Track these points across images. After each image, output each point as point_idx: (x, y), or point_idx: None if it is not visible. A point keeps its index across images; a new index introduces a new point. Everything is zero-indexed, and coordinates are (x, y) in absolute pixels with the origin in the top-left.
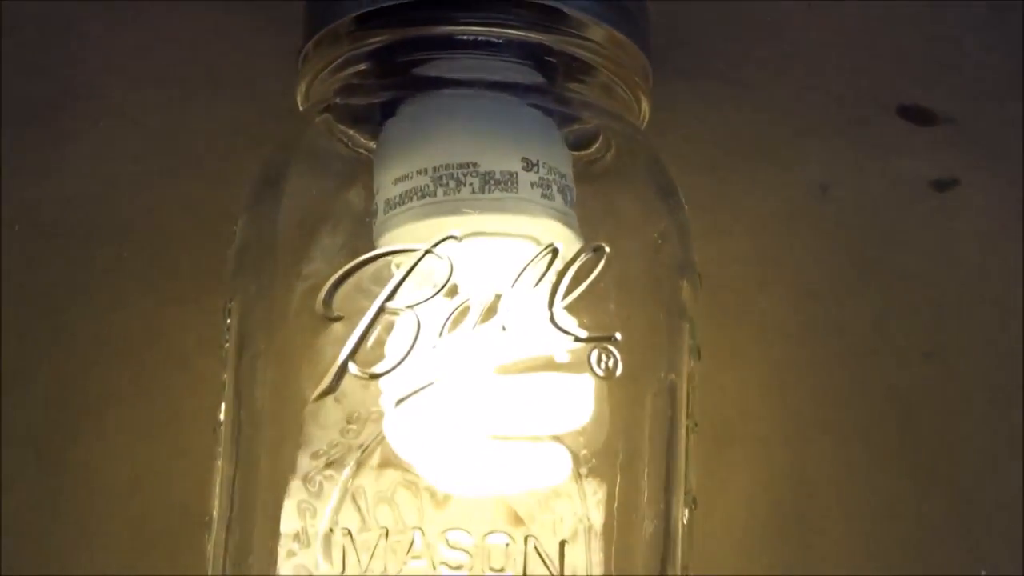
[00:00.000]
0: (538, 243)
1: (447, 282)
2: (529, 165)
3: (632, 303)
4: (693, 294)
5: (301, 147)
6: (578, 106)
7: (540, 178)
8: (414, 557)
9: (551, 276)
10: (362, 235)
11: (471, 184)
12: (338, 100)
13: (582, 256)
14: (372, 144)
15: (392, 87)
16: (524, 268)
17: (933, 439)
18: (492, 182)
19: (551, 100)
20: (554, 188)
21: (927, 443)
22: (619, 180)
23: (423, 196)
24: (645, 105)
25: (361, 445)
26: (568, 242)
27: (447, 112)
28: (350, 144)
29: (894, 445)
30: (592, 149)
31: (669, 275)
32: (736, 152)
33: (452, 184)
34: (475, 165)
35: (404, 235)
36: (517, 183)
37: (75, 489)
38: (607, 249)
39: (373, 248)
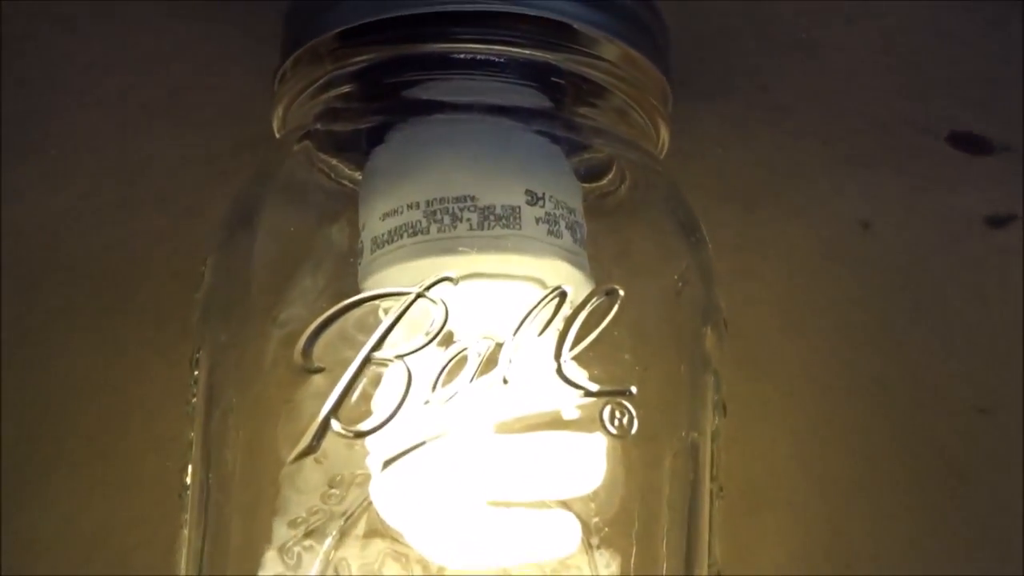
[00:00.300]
0: (544, 286)
1: (441, 329)
2: (534, 199)
3: (649, 353)
4: (718, 343)
5: (278, 178)
6: (589, 133)
7: (546, 213)
8: None
9: (558, 323)
10: (346, 277)
11: (468, 220)
12: (319, 126)
13: (593, 300)
14: (357, 175)
15: (380, 111)
16: (528, 314)
17: (988, 504)
18: (492, 217)
19: (558, 126)
20: (562, 224)
21: (981, 509)
22: (635, 215)
23: (415, 233)
24: (664, 131)
25: (345, 512)
26: (578, 285)
27: (441, 139)
28: (333, 175)
29: (943, 512)
30: (604, 181)
31: (691, 322)
32: (766, 184)
33: (447, 220)
34: (473, 198)
35: (393, 277)
36: (520, 219)
37: (21, 562)
38: (621, 292)
39: (358, 291)
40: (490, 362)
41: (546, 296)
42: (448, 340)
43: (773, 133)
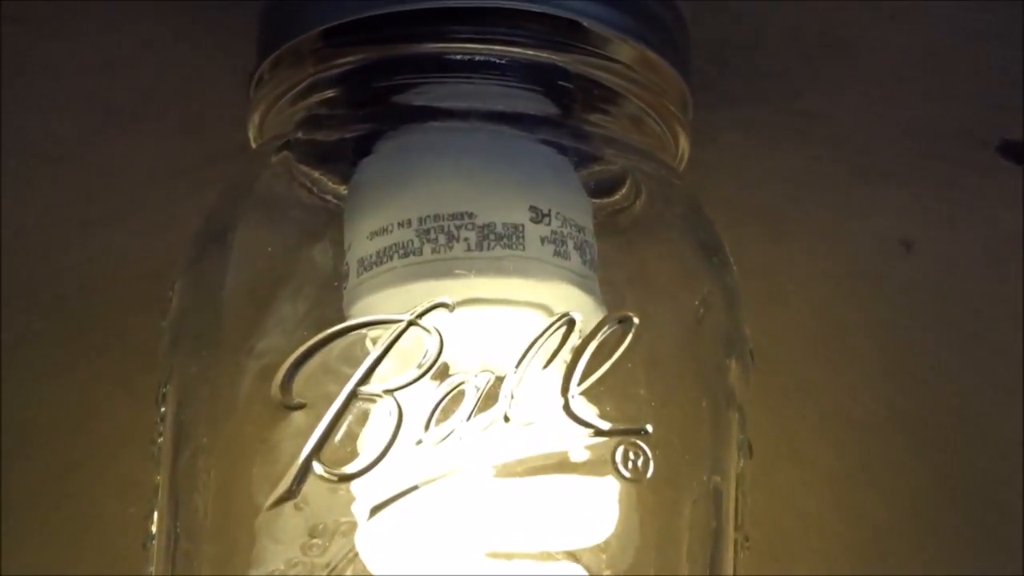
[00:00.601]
0: (550, 313)
1: (436, 361)
2: (539, 216)
3: (667, 387)
4: (743, 376)
5: (254, 193)
6: (600, 142)
7: (552, 232)
8: None
9: (566, 354)
10: (329, 303)
11: (466, 239)
12: (300, 134)
13: (605, 329)
14: (343, 189)
15: (368, 118)
16: (532, 344)
17: None
18: (492, 237)
19: (566, 135)
20: (570, 244)
21: None
22: (651, 234)
23: (406, 254)
24: (683, 141)
25: (328, 564)
26: (587, 312)
27: (436, 149)
28: (315, 189)
29: (992, 559)
30: (617, 196)
31: (713, 353)
32: (796, 199)
33: (442, 239)
34: (471, 216)
35: (382, 303)
36: (523, 238)
37: None
38: (635, 320)
39: (343, 319)
40: (490, 398)
41: (552, 324)
42: (443, 373)
43: (804, 143)
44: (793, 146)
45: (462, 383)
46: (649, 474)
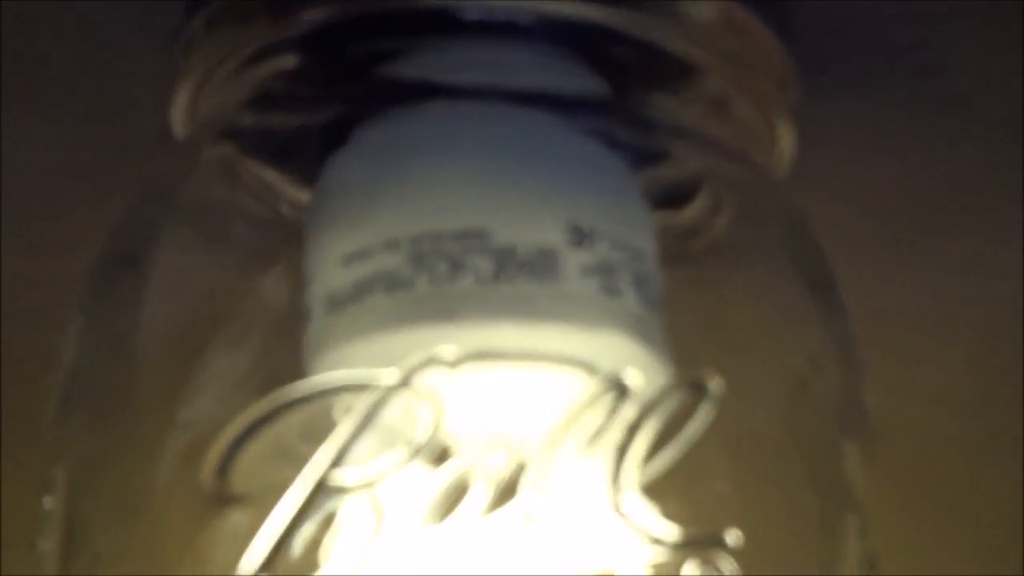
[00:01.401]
0: (593, 372)
1: (432, 439)
2: (579, 236)
3: (758, 479)
4: (865, 464)
5: (181, 199)
6: (667, 135)
7: (598, 259)
8: None
9: (616, 432)
10: (283, 353)
11: (476, 268)
12: (247, 119)
13: (671, 396)
14: (305, 195)
15: (342, 98)
16: (568, 417)
17: None
18: (513, 265)
19: (620, 123)
20: (623, 276)
21: None
22: (737, 264)
23: (393, 287)
24: (785, 134)
25: None
26: (647, 371)
27: (436, 142)
28: (267, 195)
29: None
30: (691, 210)
31: (823, 430)
32: (945, 215)
33: (443, 268)
34: (484, 235)
35: (358, 355)
36: (558, 267)
37: None
38: (715, 385)
39: (304, 376)
40: (508, 491)
41: (598, 389)
42: (442, 456)
43: (952, 136)
44: (935, 141)
45: (469, 470)
46: None
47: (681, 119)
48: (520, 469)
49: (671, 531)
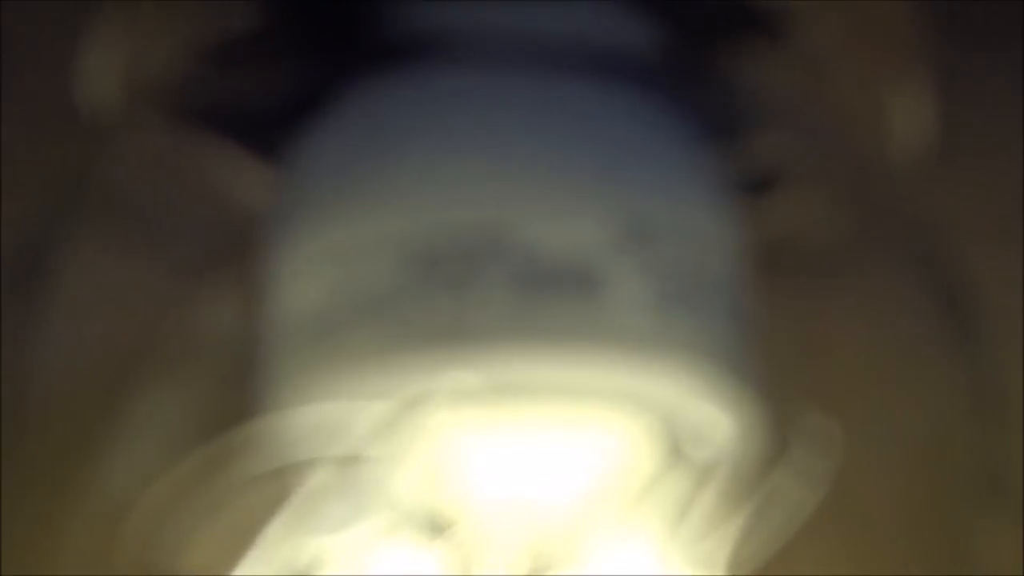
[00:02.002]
0: (653, 431)
1: (426, 502)
2: (632, 234)
3: (880, 564)
4: (1011, 549)
5: (96, 190)
6: (751, 104)
7: (655, 266)
8: None
9: (693, 518)
10: (232, 388)
11: (491, 276)
12: (188, 86)
13: (771, 473)
14: (265, 183)
15: (314, 57)
16: (614, 496)
17: None
18: (540, 272)
19: (688, 87)
20: (687, 289)
21: None
22: (847, 281)
23: (379, 299)
24: (909, 112)
25: None
26: (720, 416)
27: (440, 111)
28: (214, 183)
29: None
30: (783, 205)
31: (961, 502)
32: None
33: (447, 274)
34: (501, 232)
35: (333, 388)
36: (602, 275)
37: None
38: (821, 448)
39: (259, 416)
40: None
41: (659, 457)
42: (436, 530)
43: None
44: None
45: (468, 558)
46: None
47: (770, 85)
48: (545, 547)
49: None
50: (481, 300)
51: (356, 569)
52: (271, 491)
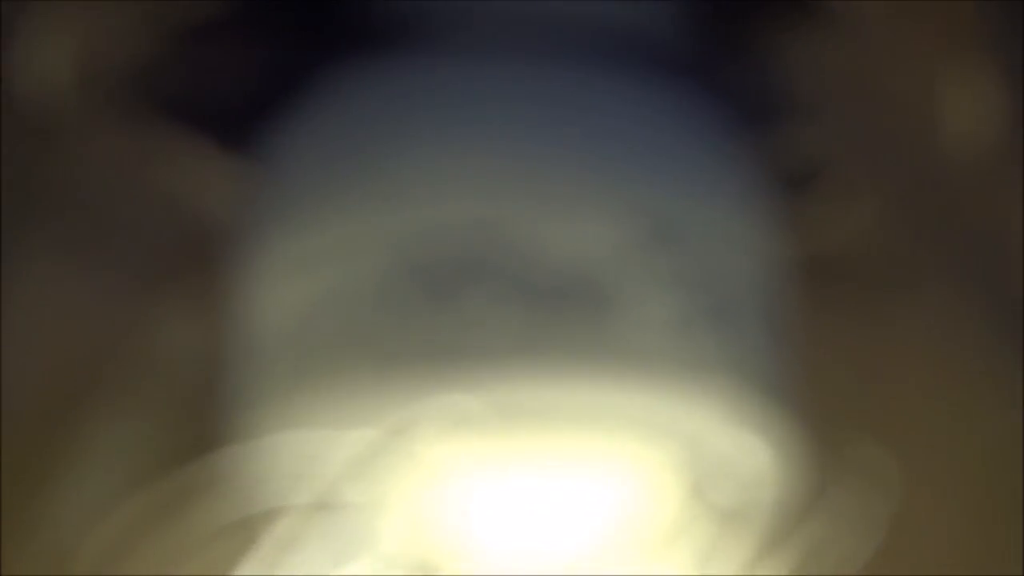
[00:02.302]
0: (667, 481)
1: (409, 547)
2: (651, 240)
3: None
4: None
5: (43, 193)
6: (792, 89)
7: (680, 275)
8: None
9: (721, 573)
10: (194, 415)
11: (491, 286)
12: (153, 73)
13: (818, 523)
14: (235, 180)
15: (289, 41)
16: (629, 526)
17: None
18: (549, 284)
19: (720, 77)
20: (718, 303)
21: None
22: (901, 287)
23: (362, 319)
24: (971, 103)
25: None
26: (754, 448)
27: (432, 100)
28: (177, 182)
29: None
30: (833, 207)
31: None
32: None
33: (441, 282)
34: (503, 237)
35: (309, 414)
36: (611, 292)
37: None
38: (879, 489)
39: (225, 446)
40: None
41: (682, 495)
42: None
43: None
44: None
45: None
46: None
47: (812, 70)
48: None
49: None
50: (478, 313)
51: None
52: (237, 540)
